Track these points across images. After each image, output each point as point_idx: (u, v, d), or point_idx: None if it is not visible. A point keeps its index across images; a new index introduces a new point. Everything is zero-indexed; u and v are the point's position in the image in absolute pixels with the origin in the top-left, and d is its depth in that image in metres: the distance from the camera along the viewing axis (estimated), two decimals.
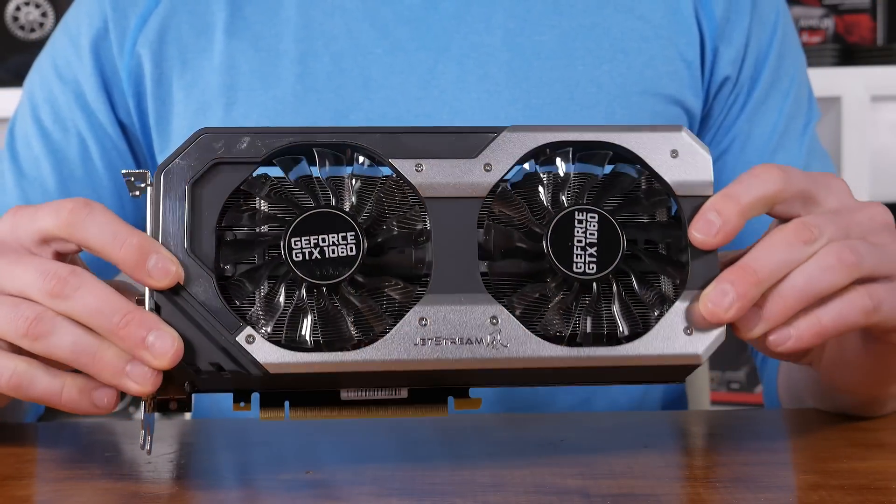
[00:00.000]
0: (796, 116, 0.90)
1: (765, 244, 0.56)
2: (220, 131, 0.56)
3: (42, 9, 1.91)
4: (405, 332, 0.55)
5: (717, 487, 0.57)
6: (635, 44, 0.86)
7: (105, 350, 0.54)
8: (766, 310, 0.55)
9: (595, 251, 0.56)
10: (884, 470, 0.59)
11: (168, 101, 0.87)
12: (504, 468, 0.59)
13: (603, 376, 0.57)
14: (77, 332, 0.54)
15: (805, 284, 0.55)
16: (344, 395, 0.57)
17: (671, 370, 0.57)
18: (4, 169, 0.89)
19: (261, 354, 0.54)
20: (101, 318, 0.53)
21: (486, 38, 0.85)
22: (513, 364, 0.55)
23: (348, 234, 0.55)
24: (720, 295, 0.54)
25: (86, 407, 0.56)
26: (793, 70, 0.91)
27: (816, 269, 0.55)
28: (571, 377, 0.57)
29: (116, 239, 0.54)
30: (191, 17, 0.87)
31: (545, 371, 0.56)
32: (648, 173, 0.58)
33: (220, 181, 0.56)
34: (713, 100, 0.89)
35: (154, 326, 0.53)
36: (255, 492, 0.58)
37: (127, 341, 0.53)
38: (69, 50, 0.89)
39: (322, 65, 0.85)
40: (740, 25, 0.88)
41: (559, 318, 0.56)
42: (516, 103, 0.84)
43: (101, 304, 0.54)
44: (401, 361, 0.55)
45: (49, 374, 0.56)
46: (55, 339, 0.54)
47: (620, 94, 0.85)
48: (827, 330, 0.56)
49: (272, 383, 0.55)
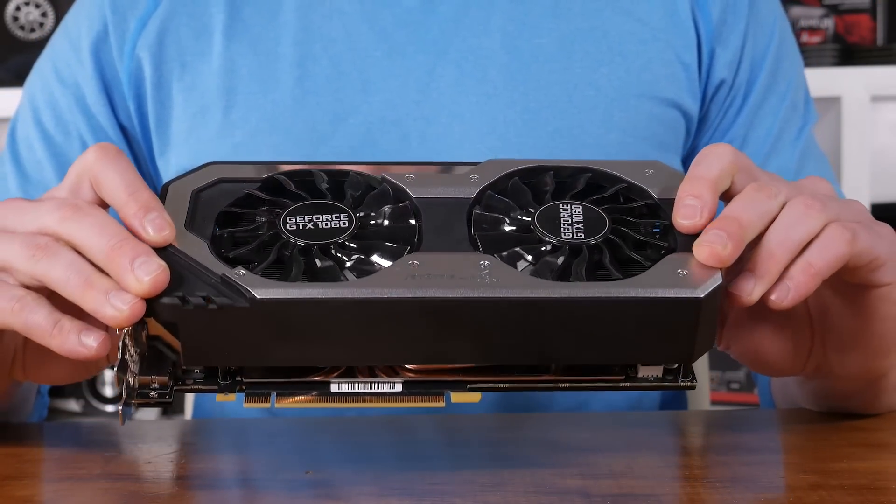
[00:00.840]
0: (791, 120, 0.90)
1: (736, 201, 0.57)
2: (226, 163, 0.60)
3: (42, 9, 1.91)
4: (396, 270, 0.54)
5: (716, 487, 0.57)
6: (633, 46, 0.86)
7: (97, 277, 0.54)
8: (758, 269, 0.56)
9: (582, 226, 0.56)
10: (884, 470, 0.59)
11: (167, 103, 0.87)
12: (504, 468, 0.59)
13: (599, 320, 0.54)
14: (74, 257, 0.55)
15: (785, 235, 0.56)
16: (335, 388, 0.56)
17: (670, 312, 0.54)
18: (7, 172, 0.89)
19: (250, 284, 0.53)
20: (100, 238, 0.55)
21: (485, 41, 0.85)
22: (504, 295, 0.53)
23: (342, 214, 0.57)
24: (714, 237, 0.55)
25: (73, 345, 0.55)
26: (790, 74, 0.91)
27: (790, 219, 0.57)
28: (566, 319, 0.54)
29: (129, 186, 0.57)
30: (189, 20, 0.87)
31: (537, 308, 0.53)
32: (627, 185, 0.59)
33: (223, 192, 0.59)
34: (710, 102, 0.89)
35: (144, 253, 0.54)
36: (254, 492, 0.58)
37: (116, 262, 0.54)
38: (69, 53, 0.89)
39: (321, 68, 0.85)
40: (737, 28, 0.88)
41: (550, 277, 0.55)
42: (514, 106, 0.84)
43: (103, 226, 0.55)
44: (390, 291, 0.53)
45: (49, 309, 0.56)
46: (54, 261, 0.55)
47: (618, 97, 0.85)
48: (819, 269, 0.56)
49: (261, 318, 0.53)
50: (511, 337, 0.54)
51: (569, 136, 0.84)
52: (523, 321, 0.54)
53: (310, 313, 0.53)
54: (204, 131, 0.85)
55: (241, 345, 0.54)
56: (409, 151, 0.84)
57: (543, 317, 0.54)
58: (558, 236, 0.56)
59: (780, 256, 0.56)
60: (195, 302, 0.52)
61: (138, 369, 0.55)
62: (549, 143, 0.84)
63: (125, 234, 0.55)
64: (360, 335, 0.54)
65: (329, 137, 0.84)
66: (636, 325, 0.54)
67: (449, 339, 0.54)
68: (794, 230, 0.57)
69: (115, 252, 0.54)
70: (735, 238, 0.55)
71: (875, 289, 0.61)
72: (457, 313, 0.53)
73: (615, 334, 0.55)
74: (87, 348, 0.55)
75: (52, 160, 0.88)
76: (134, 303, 0.53)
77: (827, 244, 0.57)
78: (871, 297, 0.61)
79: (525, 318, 0.54)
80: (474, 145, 0.84)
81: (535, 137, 0.84)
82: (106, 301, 0.53)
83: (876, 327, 0.62)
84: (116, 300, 0.53)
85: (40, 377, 0.64)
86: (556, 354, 0.56)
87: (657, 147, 0.86)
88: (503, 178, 0.60)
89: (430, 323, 0.54)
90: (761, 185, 0.58)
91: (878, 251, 0.59)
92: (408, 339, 0.54)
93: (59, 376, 0.64)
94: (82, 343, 0.55)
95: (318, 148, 0.84)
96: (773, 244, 0.56)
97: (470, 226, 0.57)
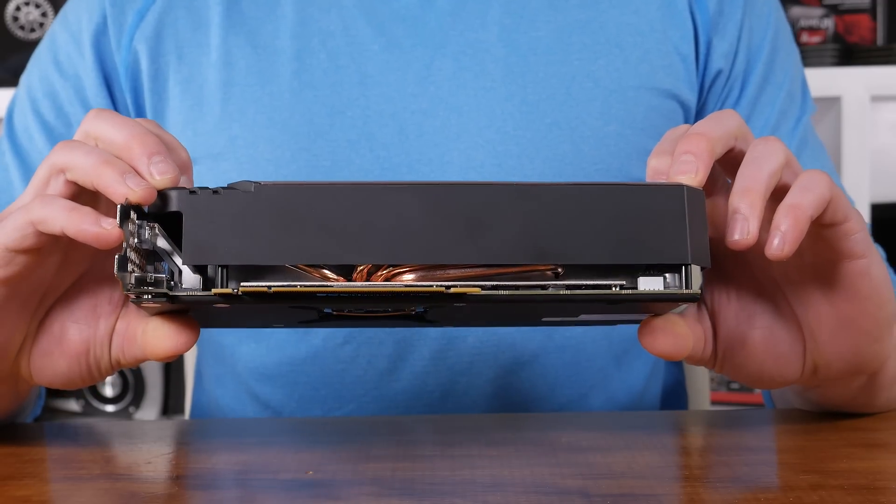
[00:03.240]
0: (789, 111, 0.91)
1: (699, 123, 0.59)
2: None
3: (42, 9, 1.91)
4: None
5: (716, 487, 0.57)
6: (631, 38, 0.87)
7: (114, 159, 0.56)
8: (742, 210, 0.56)
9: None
10: (884, 470, 0.59)
11: (164, 95, 0.87)
12: (504, 468, 0.59)
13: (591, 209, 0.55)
14: (92, 146, 0.58)
15: (756, 169, 0.57)
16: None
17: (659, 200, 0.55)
18: (8, 162, 0.89)
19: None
20: (119, 130, 0.57)
21: (482, 34, 0.86)
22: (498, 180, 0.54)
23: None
24: (683, 163, 0.56)
25: (93, 228, 0.55)
26: (786, 64, 0.91)
27: (758, 154, 0.57)
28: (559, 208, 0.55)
29: (132, 131, 0.58)
30: (187, 13, 0.87)
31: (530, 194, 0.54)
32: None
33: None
34: (707, 93, 0.90)
35: (161, 151, 0.56)
36: (254, 492, 0.58)
37: (135, 152, 0.56)
38: (70, 45, 0.89)
39: (318, 61, 0.85)
40: (733, 19, 0.89)
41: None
42: (512, 99, 0.85)
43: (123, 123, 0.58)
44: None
45: (68, 204, 0.57)
46: (74, 149, 0.57)
47: (617, 89, 0.86)
48: (805, 210, 0.56)
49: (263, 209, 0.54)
50: (506, 229, 0.54)
51: (567, 129, 0.84)
52: (517, 210, 0.54)
53: (311, 199, 0.54)
54: (201, 124, 0.86)
55: (243, 237, 0.54)
56: (407, 144, 0.84)
57: (537, 204, 0.54)
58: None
59: (759, 189, 0.56)
60: (201, 189, 0.54)
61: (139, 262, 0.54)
62: (548, 135, 0.84)
63: (143, 129, 0.57)
64: (360, 224, 0.54)
65: (326, 131, 0.84)
66: (629, 217, 0.55)
67: (446, 230, 0.54)
68: (765, 162, 0.57)
69: (135, 141, 0.56)
70: (702, 156, 0.56)
71: (850, 262, 0.60)
72: (452, 199, 0.54)
73: (609, 227, 0.55)
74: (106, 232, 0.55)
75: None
76: (147, 185, 0.55)
77: (807, 186, 0.57)
78: (850, 274, 0.60)
79: (519, 206, 0.54)
80: (472, 138, 0.84)
81: (533, 130, 0.84)
82: (122, 180, 0.55)
83: (861, 307, 0.61)
84: (131, 181, 0.55)
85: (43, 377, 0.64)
86: (552, 249, 0.55)
87: (655, 138, 0.86)
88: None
89: (427, 209, 0.54)
90: (720, 112, 0.60)
91: (849, 212, 0.59)
92: (406, 229, 0.54)
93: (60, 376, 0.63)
94: (101, 226, 0.55)
95: (315, 141, 0.84)
96: (748, 179, 0.56)
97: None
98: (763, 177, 0.56)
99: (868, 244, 0.60)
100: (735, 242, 0.55)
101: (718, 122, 0.58)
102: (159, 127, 0.61)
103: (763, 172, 0.56)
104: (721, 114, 0.59)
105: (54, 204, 0.56)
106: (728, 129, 0.58)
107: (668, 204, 0.55)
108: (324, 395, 0.87)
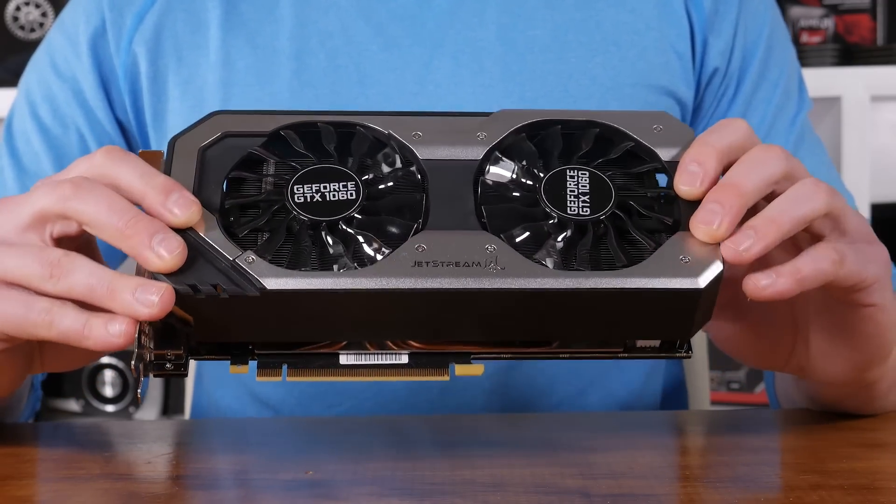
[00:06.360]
0: (785, 107, 0.91)
1: (741, 162, 0.57)
2: (231, 112, 0.60)
3: (42, 9, 1.91)
4: (402, 257, 0.55)
5: (716, 487, 0.57)
6: (627, 36, 0.87)
7: (118, 281, 0.55)
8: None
9: (588, 199, 0.57)
10: (884, 470, 0.59)
11: (164, 97, 0.87)
12: (504, 468, 0.59)
13: (601, 310, 0.55)
14: (91, 267, 0.56)
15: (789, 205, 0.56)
16: (343, 359, 0.57)
17: (671, 301, 0.55)
18: (4, 165, 0.89)
19: (259, 273, 0.54)
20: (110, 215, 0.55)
21: (480, 33, 0.86)
22: (509, 286, 0.54)
23: (349, 182, 0.57)
24: (709, 214, 0.55)
25: (103, 338, 0.55)
26: (782, 61, 0.91)
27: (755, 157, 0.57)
28: (569, 311, 0.55)
29: (144, 177, 0.56)
30: (186, 15, 0.87)
31: (541, 298, 0.54)
32: (634, 145, 0.59)
33: (230, 149, 0.59)
34: (704, 91, 0.90)
35: (161, 229, 0.55)
36: (254, 492, 0.58)
37: (134, 240, 0.54)
38: (67, 48, 0.89)
39: (317, 61, 0.86)
40: (729, 17, 0.89)
41: (556, 257, 0.56)
42: (511, 97, 0.85)
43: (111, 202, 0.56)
44: (397, 280, 0.54)
45: (75, 312, 0.56)
46: (72, 277, 0.56)
47: (613, 87, 0.86)
48: (805, 277, 0.56)
49: (270, 307, 0.54)
50: (515, 320, 0.56)
51: None
52: (527, 308, 0.55)
53: (318, 302, 0.54)
54: None
55: (252, 326, 0.55)
56: None
57: (547, 304, 0.55)
58: (564, 211, 0.56)
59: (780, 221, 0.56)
60: (206, 290, 0.54)
61: (153, 344, 0.56)
62: None
63: (134, 209, 0.56)
64: (367, 320, 0.55)
65: None
66: (637, 311, 0.56)
67: (454, 323, 0.56)
68: (799, 205, 0.57)
69: (131, 230, 0.55)
70: (731, 212, 0.55)
71: (859, 308, 0.61)
72: (462, 302, 0.55)
73: (616, 319, 0.56)
74: (117, 337, 0.55)
75: (49, 152, 0.88)
76: (162, 294, 0.53)
77: (817, 258, 0.57)
78: (855, 316, 0.62)
79: (529, 306, 0.55)
80: None
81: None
82: (134, 301, 0.54)
83: (857, 343, 0.63)
84: (143, 295, 0.54)
85: (56, 367, 0.64)
86: (558, 335, 0.57)
87: None
88: (510, 136, 0.60)
89: (435, 309, 0.55)
90: (768, 147, 0.58)
91: (864, 274, 0.59)
92: (413, 322, 0.56)
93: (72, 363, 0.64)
94: (111, 334, 0.55)
95: None
96: (776, 211, 0.56)
97: (476, 195, 0.57)
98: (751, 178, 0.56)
99: (882, 291, 0.61)
100: (698, 230, 0.55)
101: (761, 168, 0.57)
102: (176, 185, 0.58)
103: (753, 174, 0.56)
104: (767, 155, 0.58)
105: (67, 317, 0.56)
106: (768, 177, 0.57)
107: (680, 303, 0.55)
108: (323, 391, 0.87)
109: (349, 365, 0.57)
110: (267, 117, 0.60)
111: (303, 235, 0.56)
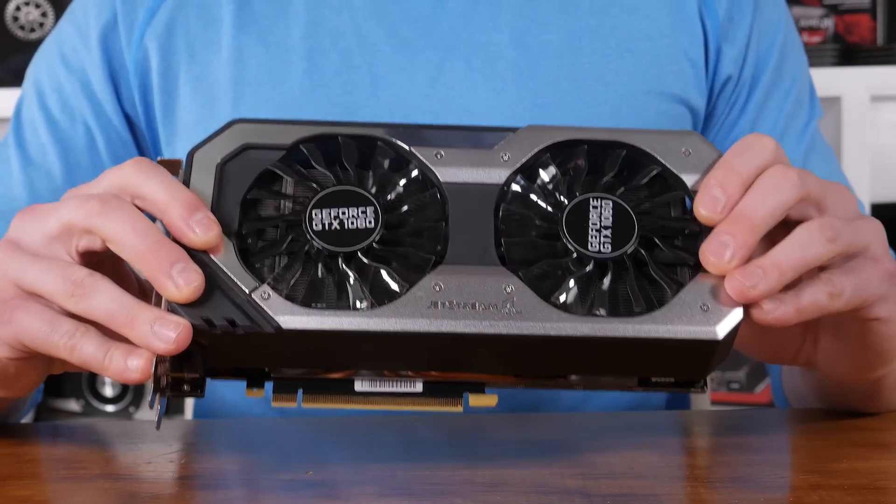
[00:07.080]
0: (797, 116, 0.91)
1: (756, 190, 0.57)
2: (251, 121, 0.59)
3: (42, 9, 1.91)
4: (418, 296, 0.54)
5: (717, 487, 0.57)
6: (641, 43, 0.87)
7: (139, 310, 0.55)
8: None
9: (609, 233, 0.56)
10: (884, 470, 0.59)
11: (175, 94, 0.87)
12: (504, 468, 0.59)
13: (618, 354, 0.56)
14: (113, 292, 0.56)
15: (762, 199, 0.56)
16: (358, 387, 0.57)
17: (688, 351, 0.55)
18: (10, 155, 0.89)
19: (275, 311, 0.54)
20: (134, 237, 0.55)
21: (494, 36, 0.86)
22: (526, 332, 0.54)
23: (368, 208, 0.56)
24: (720, 246, 0.55)
25: (122, 371, 0.56)
26: (794, 70, 0.91)
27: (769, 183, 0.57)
28: (585, 355, 0.56)
29: (169, 190, 0.57)
30: (199, 11, 0.87)
31: (558, 343, 0.54)
32: (661, 170, 0.59)
33: (249, 163, 0.58)
34: (716, 98, 0.90)
35: (182, 259, 0.55)
36: (255, 492, 0.58)
37: (154, 265, 0.54)
38: (77, 40, 0.89)
39: (330, 61, 0.85)
40: (742, 25, 0.89)
41: (574, 295, 0.56)
42: (523, 101, 0.85)
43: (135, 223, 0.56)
44: (412, 322, 0.54)
45: (98, 341, 0.57)
46: (94, 299, 0.56)
47: (626, 93, 0.86)
48: (804, 309, 0.57)
49: (284, 344, 0.54)
50: (530, 360, 0.57)
51: None
52: (542, 350, 0.55)
53: (333, 341, 0.55)
54: (212, 122, 0.85)
55: (266, 357, 0.56)
56: None
57: (562, 348, 0.55)
58: (585, 247, 0.56)
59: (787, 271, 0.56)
60: (221, 325, 0.54)
61: (170, 367, 0.56)
62: None
63: (158, 233, 0.56)
64: (381, 357, 0.56)
65: None
66: (653, 356, 0.56)
67: (469, 360, 0.56)
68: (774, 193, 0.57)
69: (153, 253, 0.55)
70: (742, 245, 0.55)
71: (865, 321, 0.61)
72: (477, 343, 0.55)
73: (632, 361, 0.57)
74: (135, 372, 0.56)
75: (56, 145, 0.88)
76: (180, 332, 0.54)
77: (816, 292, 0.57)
78: (860, 329, 0.62)
79: (544, 348, 0.55)
80: None
81: None
82: (152, 334, 0.54)
83: (864, 349, 0.64)
84: (161, 330, 0.54)
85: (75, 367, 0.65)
86: (573, 372, 0.58)
87: None
88: (534, 158, 0.59)
89: (450, 349, 0.55)
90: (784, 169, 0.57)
91: (865, 294, 0.59)
92: (429, 360, 0.56)
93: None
94: (129, 368, 0.56)
95: None
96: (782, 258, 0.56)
97: (497, 223, 0.57)
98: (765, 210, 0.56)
99: (887, 304, 0.61)
100: (708, 261, 0.55)
101: (775, 196, 0.57)
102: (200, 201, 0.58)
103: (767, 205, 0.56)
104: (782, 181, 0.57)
105: (90, 345, 0.56)
106: (782, 205, 0.57)
107: (697, 352, 0.56)
108: None
109: (364, 392, 0.57)
110: (287, 127, 0.59)
111: (320, 265, 0.56)
